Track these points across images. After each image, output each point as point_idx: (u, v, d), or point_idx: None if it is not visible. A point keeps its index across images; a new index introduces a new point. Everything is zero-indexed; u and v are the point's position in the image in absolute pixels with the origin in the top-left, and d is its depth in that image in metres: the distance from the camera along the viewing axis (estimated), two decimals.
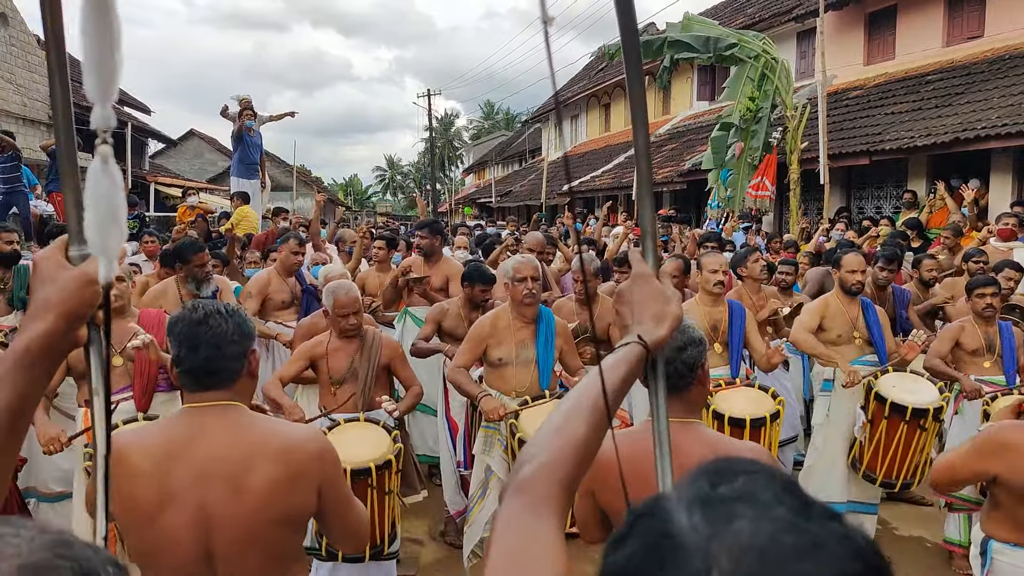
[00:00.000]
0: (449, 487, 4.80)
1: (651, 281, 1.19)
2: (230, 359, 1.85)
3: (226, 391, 1.86)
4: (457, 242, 8.38)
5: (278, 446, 1.83)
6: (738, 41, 11.72)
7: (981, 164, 10.64)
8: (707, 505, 0.61)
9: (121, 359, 3.61)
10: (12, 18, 16.89)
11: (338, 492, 1.91)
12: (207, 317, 1.85)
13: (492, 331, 3.98)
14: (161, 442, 1.83)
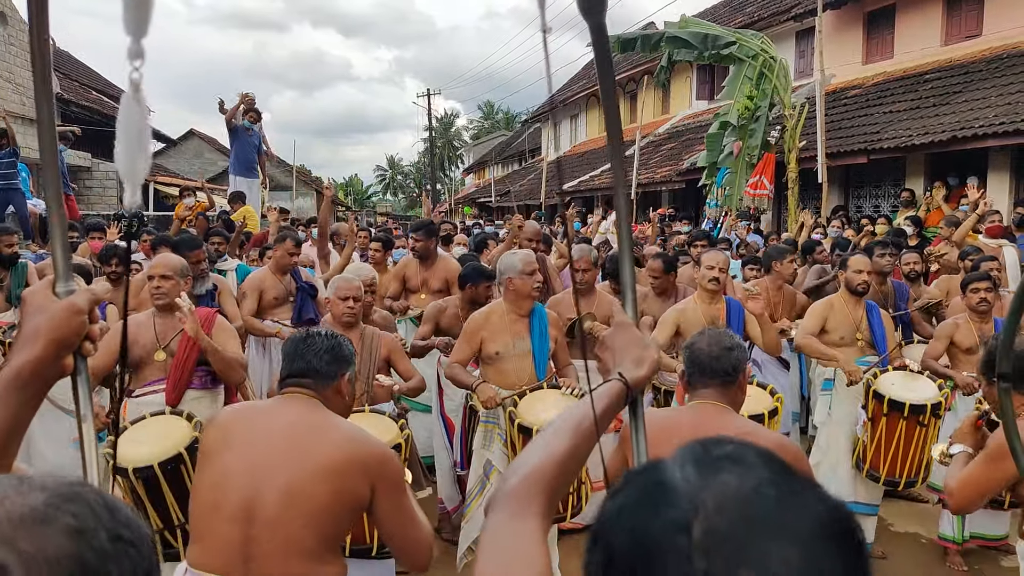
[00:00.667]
0: (445, 484, 4.81)
1: (631, 329, 1.36)
2: (319, 373, 2.15)
3: (314, 391, 2.14)
4: (457, 239, 8.54)
5: (346, 433, 2.05)
6: (737, 40, 11.74)
7: (979, 163, 10.65)
8: (699, 462, 0.67)
9: (164, 354, 3.70)
10: (11, 17, 16.91)
11: (395, 499, 2.02)
12: (308, 337, 2.22)
13: (486, 324, 4.00)
14: (246, 406, 2.31)
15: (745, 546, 0.60)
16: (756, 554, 0.59)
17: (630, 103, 24.12)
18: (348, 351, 2.24)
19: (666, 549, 0.61)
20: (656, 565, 0.61)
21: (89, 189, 18.03)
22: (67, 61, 22.84)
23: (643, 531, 0.63)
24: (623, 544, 0.64)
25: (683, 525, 0.62)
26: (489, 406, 3.78)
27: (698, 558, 0.60)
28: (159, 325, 3.76)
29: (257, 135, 11.58)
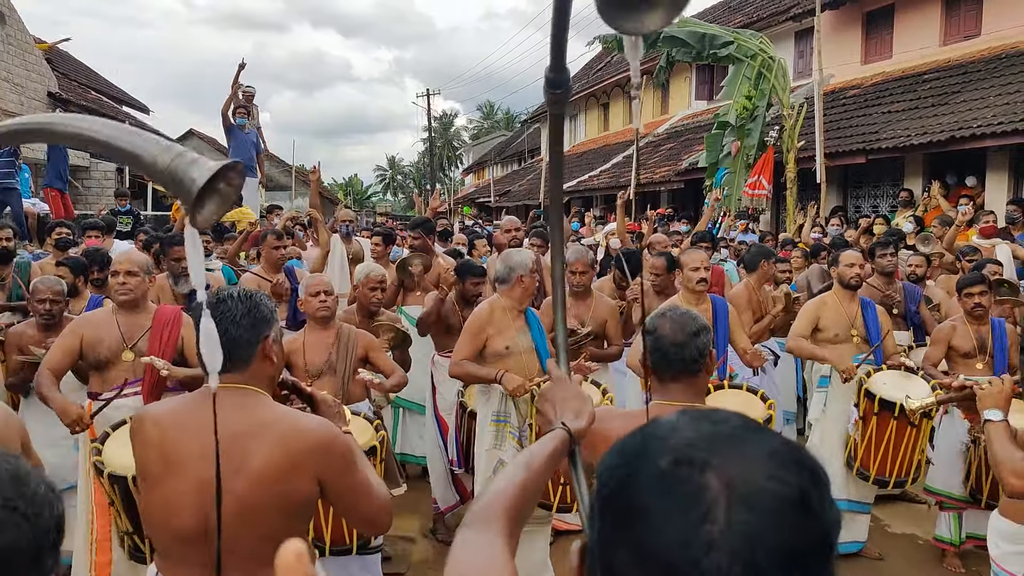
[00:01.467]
0: (439, 484, 4.80)
1: (568, 383, 1.53)
2: (240, 343, 1.90)
3: (239, 374, 1.92)
4: (456, 239, 8.58)
5: (278, 432, 1.87)
6: (735, 40, 11.73)
7: (977, 162, 10.65)
8: (688, 414, 0.74)
9: (132, 354, 3.60)
10: (9, 17, 16.89)
11: (345, 482, 1.91)
12: (220, 302, 1.93)
13: (491, 321, 3.97)
14: (172, 414, 1.95)
15: (710, 459, 0.67)
16: (720, 462, 0.66)
17: (629, 103, 24.11)
18: (267, 308, 1.99)
19: (641, 467, 0.69)
20: (627, 472, 0.70)
21: (87, 189, 18.01)
22: (65, 61, 22.82)
23: (622, 450, 0.73)
24: (603, 466, 0.73)
25: (661, 451, 0.70)
26: (519, 394, 3.73)
27: (666, 464, 0.68)
28: (123, 324, 3.63)
29: (254, 133, 11.56)
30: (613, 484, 0.71)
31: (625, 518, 0.68)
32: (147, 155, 1.10)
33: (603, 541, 0.70)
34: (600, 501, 0.72)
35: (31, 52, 17.84)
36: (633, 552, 0.66)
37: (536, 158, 31.92)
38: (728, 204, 11.85)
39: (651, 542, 0.65)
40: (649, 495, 0.67)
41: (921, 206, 10.42)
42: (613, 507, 0.70)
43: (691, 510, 0.64)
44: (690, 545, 0.63)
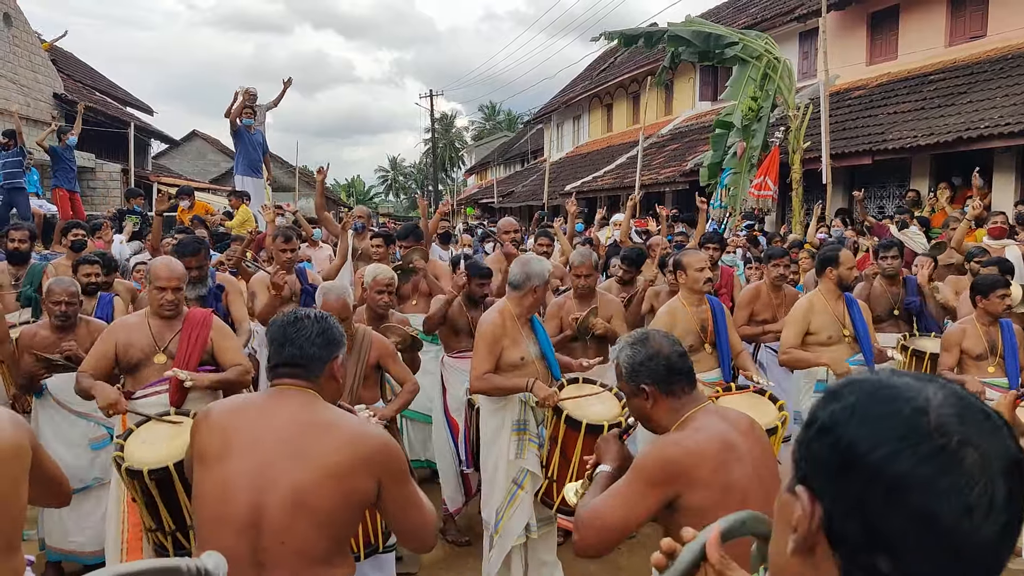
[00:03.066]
0: (449, 485, 4.80)
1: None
2: (311, 358, 2.05)
3: (307, 382, 2.05)
4: (462, 240, 8.58)
5: (347, 431, 1.98)
6: (740, 40, 11.71)
7: (984, 163, 10.62)
8: (942, 391, 0.80)
9: (164, 356, 3.63)
10: (16, 18, 16.93)
11: (401, 490, 2.00)
12: (296, 320, 2.10)
13: (505, 331, 3.85)
14: (241, 405, 2.11)
15: (968, 433, 0.76)
16: (976, 441, 0.76)
17: (633, 104, 24.11)
18: (339, 332, 2.14)
19: (909, 432, 0.76)
20: (904, 445, 0.76)
21: (93, 190, 18.03)
22: (70, 62, 22.86)
23: (884, 420, 0.78)
24: (863, 435, 0.78)
25: (923, 410, 0.78)
26: (549, 404, 3.65)
27: (937, 436, 0.75)
28: (155, 327, 3.67)
29: (260, 133, 11.57)
30: (878, 457, 0.77)
31: (899, 488, 0.75)
32: None
33: (868, 509, 0.77)
34: (858, 472, 0.77)
35: (37, 53, 17.88)
36: (909, 519, 0.75)
37: (539, 159, 31.93)
38: (733, 204, 11.84)
39: (934, 508, 0.74)
40: (932, 468, 0.75)
41: (927, 207, 10.39)
42: (881, 478, 0.76)
43: (973, 482, 0.74)
44: (973, 511, 0.74)
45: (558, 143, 31.08)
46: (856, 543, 0.78)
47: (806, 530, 0.82)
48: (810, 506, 0.81)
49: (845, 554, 0.79)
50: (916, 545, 0.75)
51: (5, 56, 16.42)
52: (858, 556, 0.78)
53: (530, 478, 3.82)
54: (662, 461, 2.06)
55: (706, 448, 2.03)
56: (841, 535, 0.79)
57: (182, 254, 4.92)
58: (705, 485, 2.00)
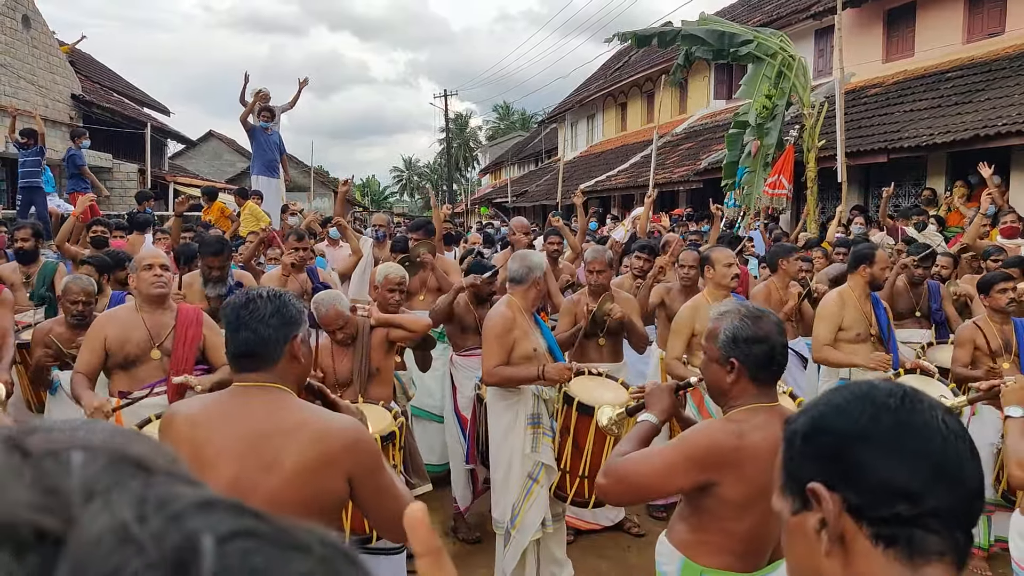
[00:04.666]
0: (459, 483, 4.81)
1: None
2: (269, 342, 1.93)
3: (267, 372, 1.94)
4: (470, 239, 8.61)
5: (312, 431, 1.89)
6: (755, 38, 11.65)
7: (1002, 161, 10.50)
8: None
9: (160, 352, 3.61)
10: (34, 20, 17.12)
11: (374, 482, 1.91)
12: (249, 302, 1.96)
13: (514, 322, 3.85)
14: (204, 412, 1.96)
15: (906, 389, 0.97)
16: (916, 394, 0.97)
17: (647, 103, 24.05)
18: (296, 310, 2.00)
19: (875, 401, 0.96)
20: (876, 410, 0.94)
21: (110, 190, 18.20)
22: (88, 63, 23.08)
23: (853, 403, 0.97)
24: (844, 419, 0.95)
25: (872, 386, 0.99)
26: (564, 379, 3.68)
27: (892, 398, 0.96)
28: (149, 322, 3.62)
29: (276, 134, 11.63)
30: (863, 426, 0.94)
31: (887, 442, 0.93)
32: None
33: (872, 470, 0.91)
34: (853, 445, 0.93)
35: (55, 55, 18.06)
36: (904, 462, 0.91)
37: (553, 158, 31.90)
38: (748, 203, 11.79)
39: (924, 446, 0.92)
40: (928, 431, 0.93)
41: (944, 206, 10.30)
42: (871, 440, 0.93)
43: (956, 437, 0.93)
44: (946, 438, 0.93)
45: (572, 142, 31.04)
46: (876, 504, 0.90)
47: (834, 519, 0.91)
48: (828, 495, 0.91)
49: (872, 520, 0.90)
50: (919, 480, 0.89)
51: (24, 57, 16.61)
52: (883, 514, 0.89)
53: (545, 472, 3.82)
54: (712, 445, 2.03)
55: (760, 447, 1.97)
56: (860, 506, 0.90)
57: (205, 253, 4.97)
58: (746, 482, 1.98)
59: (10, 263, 6.00)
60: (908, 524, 0.88)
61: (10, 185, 13.92)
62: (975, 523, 0.92)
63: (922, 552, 0.88)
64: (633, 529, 4.75)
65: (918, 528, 0.88)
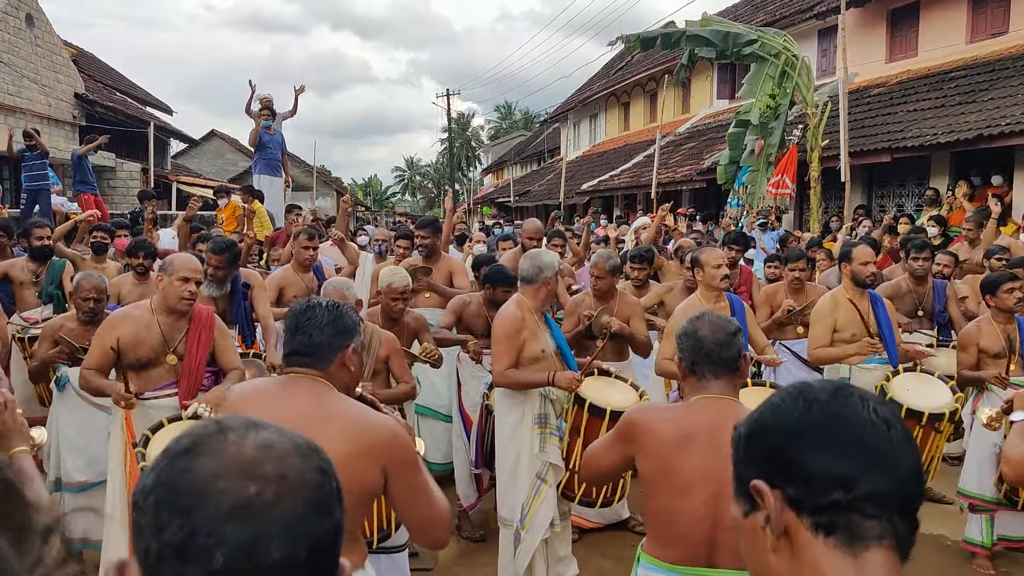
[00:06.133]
0: (463, 481, 4.81)
1: None
2: (322, 347, 2.05)
3: (318, 371, 2.05)
4: (475, 238, 8.61)
5: (352, 421, 1.98)
6: (758, 38, 11.65)
7: (1005, 161, 10.50)
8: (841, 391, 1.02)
9: (174, 357, 3.60)
10: (38, 19, 17.15)
11: (409, 480, 1.97)
12: (309, 308, 2.10)
13: (524, 323, 3.82)
14: (254, 393, 2.13)
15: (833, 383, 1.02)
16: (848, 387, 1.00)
17: (650, 102, 24.04)
18: (351, 321, 2.11)
19: (804, 398, 0.99)
20: (805, 404, 0.98)
21: (113, 189, 18.24)
22: (91, 62, 23.11)
23: (786, 401, 1.01)
24: (779, 416, 0.99)
25: (806, 384, 1.03)
26: (573, 388, 3.67)
27: (819, 392, 1.00)
28: (164, 325, 3.61)
29: (279, 134, 11.67)
30: (796, 419, 0.98)
31: (819, 431, 0.96)
32: None
33: (808, 461, 0.94)
34: (788, 440, 0.96)
35: (58, 54, 18.09)
36: (835, 449, 0.94)
37: (556, 158, 31.89)
38: (751, 203, 11.79)
39: (855, 434, 0.95)
40: (859, 420, 0.95)
41: (946, 206, 10.30)
42: (805, 432, 0.96)
43: (887, 425, 0.96)
44: (876, 425, 0.95)
45: (575, 142, 31.04)
46: (813, 494, 0.92)
47: (777, 514, 0.93)
48: (769, 490, 0.94)
49: (811, 511, 0.92)
50: (852, 466, 0.91)
51: (27, 57, 16.64)
52: (820, 503, 0.92)
53: (552, 471, 3.82)
54: (626, 420, 2.34)
55: (660, 428, 2.20)
56: (800, 499, 0.93)
57: (211, 251, 4.97)
58: (649, 457, 2.21)
59: (18, 259, 6.02)
60: (845, 510, 0.90)
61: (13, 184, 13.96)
62: (915, 508, 0.94)
63: (861, 537, 0.90)
64: (637, 528, 4.75)
65: (855, 513, 0.90)
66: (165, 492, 0.76)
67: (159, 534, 0.74)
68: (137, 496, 0.78)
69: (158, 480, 0.77)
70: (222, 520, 0.74)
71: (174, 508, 0.75)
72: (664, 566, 2.17)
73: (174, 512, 0.74)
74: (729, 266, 6.39)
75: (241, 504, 0.75)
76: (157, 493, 0.76)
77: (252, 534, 0.74)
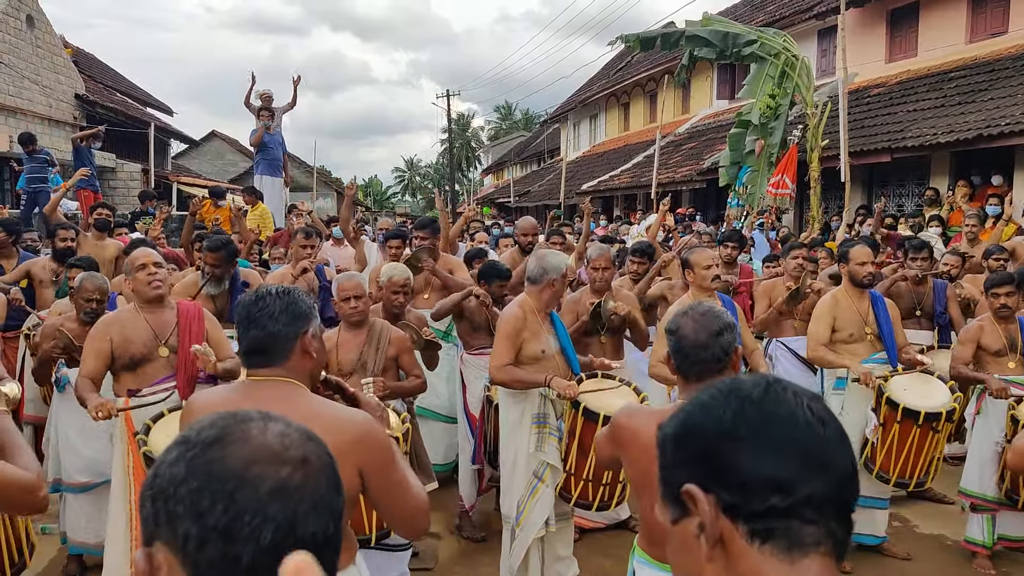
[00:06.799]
0: (466, 481, 4.82)
1: None
2: (279, 338, 1.96)
3: (279, 367, 1.97)
4: (478, 238, 8.63)
5: (321, 423, 1.85)
6: (758, 38, 11.65)
7: (1005, 161, 10.51)
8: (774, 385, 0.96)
9: (167, 349, 3.62)
10: (38, 20, 17.16)
11: (385, 477, 1.91)
12: (259, 299, 1.99)
13: (525, 324, 3.83)
14: (219, 402, 2.01)
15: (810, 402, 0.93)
16: (809, 401, 0.93)
17: (650, 103, 24.04)
18: (305, 305, 2.02)
19: (737, 397, 0.93)
20: (739, 402, 0.92)
21: (113, 189, 18.24)
22: (92, 63, 23.12)
23: (716, 398, 0.95)
24: (709, 415, 0.93)
25: (736, 381, 0.96)
26: (568, 395, 3.65)
27: (751, 389, 0.93)
28: (152, 321, 3.63)
29: (280, 134, 11.69)
30: (729, 420, 0.92)
31: (755, 432, 0.90)
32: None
33: (744, 463, 0.88)
34: (721, 441, 0.91)
35: (59, 55, 18.11)
36: (775, 450, 0.88)
37: (556, 158, 31.89)
38: (751, 203, 11.79)
39: (791, 434, 0.89)
40: (794, 420, 0.90)
41: (946, 206, 10.30)
42: (739, 432, 0.90)
43: (822, 423, 0.91)
44: (812, 423, 0.90)
45: (575, 142, 31.05)
46: (750, 500, 0.87)
47: (712, 521, 0.88)
48: (703, 496, 0.88)
49: (748, 516, 0.87)
50: (790, 469, 0.86)
51: (28, 57, 16.65)
52: (757, 509, 0.86)
53: (550, 471, 3.83)
54: (613, 423, 2.33)
55: (643, 432, 2.10)
56: (735, 505, 0.87)
57: (207, 248, 4.99)
58: (630, 463, 2.21)
59: (40, 259, 6.14)
60: (783, 516, 0.86)
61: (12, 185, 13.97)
62: (851, 510, 0.90)
63: (799, 544, 0.86)
64: (637, 527, 4.76)
65: (793, 519, 0.86)
66: (204, 479, 0.82)
67: (201, 519, 0.79)
68: (165, 486, 0.83)
69: (191, 469, 0.83)
70: (265, 501, 0.81)
71: (217, 493, 0.80)
72: (654, 563, 2.19)
73: (217, 497, 0.80)
74: (728, 264, 6.43)
75: (279, 486, 0.83)
76: (193, 481, 0.82)
77: (292, 511, 0.82)
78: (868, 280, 4.66)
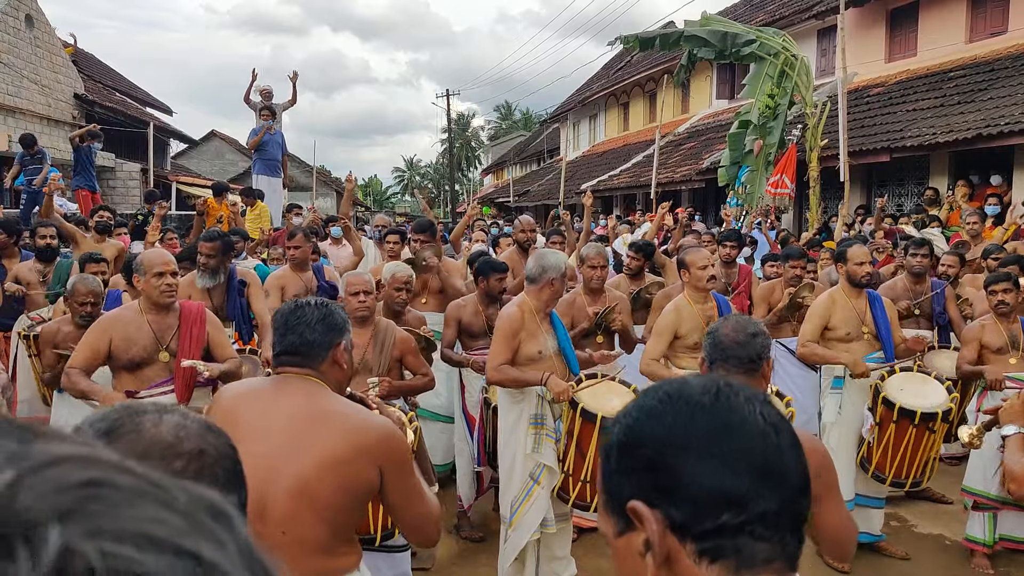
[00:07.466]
0: (465, 482, 4.81)
1: None
2: (313, 345, 2.05)
3: (309, 369, 2.05)
4: (475, 237, 8.64)
5: (346, 421, 1.97)
6: (758, 38, 11.65)
7: (1004, 160, 10.51)
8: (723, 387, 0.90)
9: (167, 354, 3.60)
10: (37, 19, 17.15)
11: (403, 480, 1.97)
12: (297, 308, 2.11)
13: (522, 323, 3.83)
14: (246, 389, 2.16)
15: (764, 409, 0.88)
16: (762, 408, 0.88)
17: (649, 102, 24.04)
18: (341, 318, 2.13)
19: (686, 405, 0.87)
20: (692, 411, 0.85)
21: (113, 189, 18.24)
22: (92, 63, 23.11)
23: (664, 404, 0.88)
24: (656, 425, 0.86)
25: (677, 385, 0.90)
26: (563, 398, 3.66)
27: (679, 399, 0.87)
28: (155, 324, 3.62)
29: (280, 134, 11.68)
30: (680, 431, 0.85)
31: (707, 444, 0.84)
32: None
33: (694, 479, 0.82)
34: (673, 453, 0.84)
35: (58, 54, 18.10)
36: (725, 465, 0.82)
37: (556, 158, 31.89)
38: (750, 202, 11.79)
39: (745, 444, 0.84)
40: (748, 428, 0.85)
41: (946, 206, 10.30)
42: (691, 444, 0.84)
43: (775, 430, 0.85)
44: (766, 434, 0.85)
45: (574, 142, 31.04)
46: (701, 518, 0.81)
47: (659, 540, 0.81)
48: (650, 513, 0.82)
49: (698, 535, 0.81)
50: (744, 484, 0.81)
51: (27, 57, 16.64)
52: (708, 527, 0.80)
53: (547, 473, 3.82)
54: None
55: None
56: (684, 522, 0.81)
57: (202, 239, 5.00)
58: None
59: (27, 262, 6.08)
60: (734, 534, 0.80)
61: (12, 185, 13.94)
62: (803, 521, 0.85)
63: (750, 563, 0.80)
64: None
65: (745, 536, 0.80)
66: None
67: None
68: None
69: None
70: None
71: None
72: None
73: None
74: (727, 264, 6.43)
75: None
76: None
77: None
78: (866, 280, 4.66)
